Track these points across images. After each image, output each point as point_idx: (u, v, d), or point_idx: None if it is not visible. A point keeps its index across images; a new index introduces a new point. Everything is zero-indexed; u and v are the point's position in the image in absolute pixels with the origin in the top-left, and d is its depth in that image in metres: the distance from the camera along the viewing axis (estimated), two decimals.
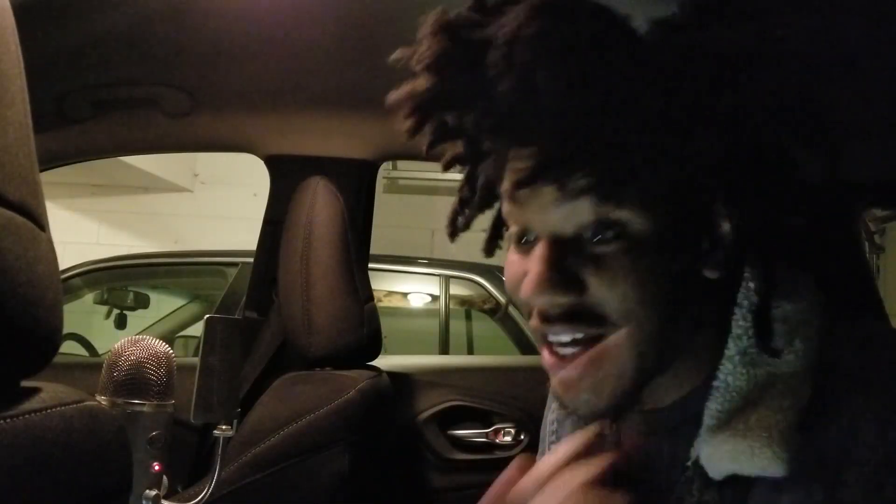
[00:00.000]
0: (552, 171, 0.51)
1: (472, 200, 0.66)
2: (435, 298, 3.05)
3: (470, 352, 3.22)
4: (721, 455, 0.52)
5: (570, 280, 0.53)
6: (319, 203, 1.25)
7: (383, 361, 1.35)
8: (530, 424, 1.44)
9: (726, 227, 0.52)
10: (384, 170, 3.80)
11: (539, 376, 0.84)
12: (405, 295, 3.26)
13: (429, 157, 0.60)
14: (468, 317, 3.23)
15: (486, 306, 3.05)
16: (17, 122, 0.44)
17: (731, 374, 0.54)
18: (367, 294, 1.29)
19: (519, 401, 1.46)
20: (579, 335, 0.54)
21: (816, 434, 0.50)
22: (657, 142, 0.50)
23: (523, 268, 0.56)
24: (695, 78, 0.51)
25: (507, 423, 1.46)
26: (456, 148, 0.64)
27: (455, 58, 0.53)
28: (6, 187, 0.41)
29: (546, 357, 0.57)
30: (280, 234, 1.29)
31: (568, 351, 0.55)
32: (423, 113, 0.57)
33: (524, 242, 0.57)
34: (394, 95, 0.57)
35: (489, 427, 1.46)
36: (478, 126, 0.55)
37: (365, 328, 1.24)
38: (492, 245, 0.68)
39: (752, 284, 0.55)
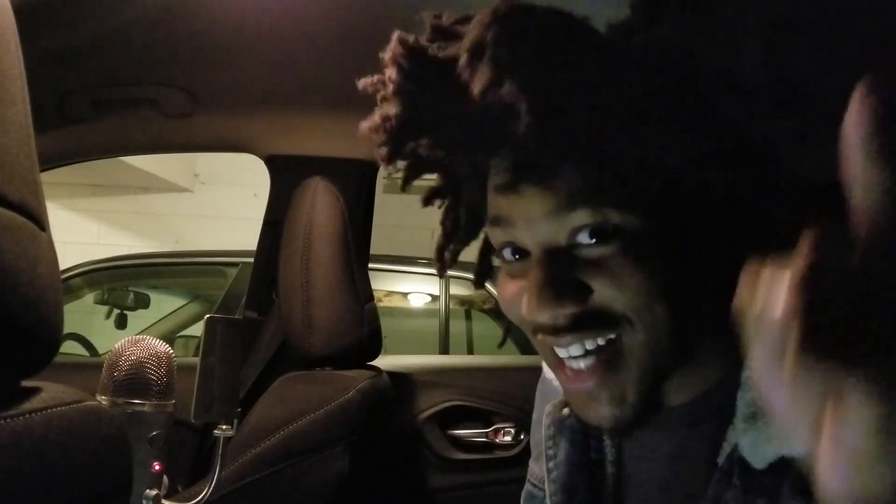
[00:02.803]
0: (533, 170, 0.51)
1: (456, 232, 0.65)
2: (435, 298, 3.06)
3: (470, 352, 3.22)
4: (767, 439, 0.50)
5: (572, 287, 0.52)
6: (319, 203, 1.25)
7: (383, 361, 1.35)
8: (530, 424, 1.44)
9: (724, 214, 0.51)
10: (384, 170, 3.79)
11: (538, 376, 0.84)
12: (405, 295, 3.26)
13: (404, 191, 0.61)
14: (468, 317, 3.23)
15: (486, 306, 3.05)
16: (17, 122, 0.44)
17: None
18: (367, 294, 1.29)
19: (519, 401, 1.46)
20: (591, 346, 0.53)
21: None
22: (639, 140, 0.49)
23: (518, 287, 0.56)
24: (660, 74, 0.50)
25: (507, 423, 1.46)
26: (433, 181, 0.64)
27: (421, 80, 0.53)
28: (6, 187, 0.41)
29: (560, 376, 0.56)
30: (280, 234, 1.29)
31: (582, 364, 0.54)
32: (396, 141, 0.56)
33: (516, 261, 0.57)
34: (365, 125, 0.57)
35: (489, 427, 1.46)
36: (453, 144, 0.55)
37: (365, 328, 1.24)
38: (482, 276, 0.67)
39: None
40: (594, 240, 0.51)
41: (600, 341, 0.53)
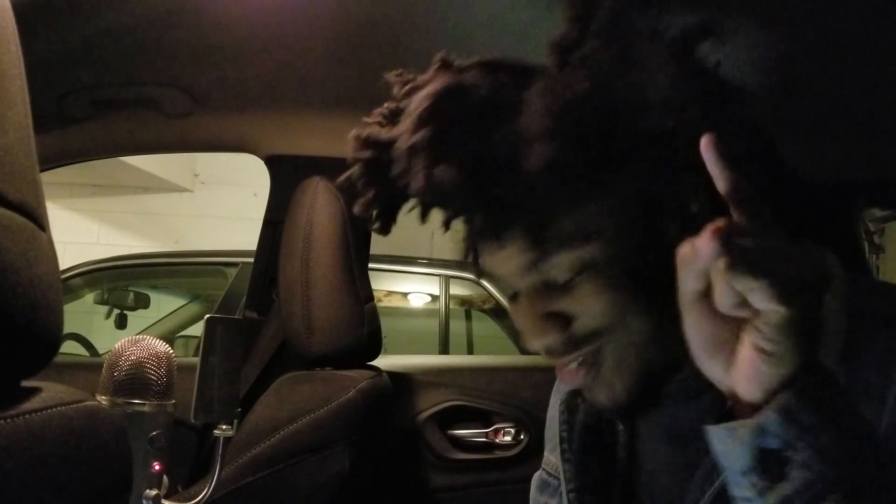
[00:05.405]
0: (484, 236, 0.58)
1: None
2: (435, 298, 3.06)
3: (470, 352, 3.22)
4: None
5: (553, 320, 0.58)
6: (319, 203, 1.25)
7: (383, 361, 1.35)
8: (530, 424, 1.44)
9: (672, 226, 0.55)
10: None
11: (539, 376, 0.84)
12: (405, 295, 3.27)
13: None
14: (468, 317, 3.23)
15: (486, 306, 3.05)
16: (17, 122, 0.44)
17: None
18: (367, 294, 1.29)
19: (519, 401, 1.46)
20: (581, 357, 0.59)
21: (856, 364, 0.52)
22: (577, 186, 0.55)
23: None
24: (588, 115, 0.54)
25: (507, 423, 1.46)
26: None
27: (380, 169, 0.61)
28: (6, 187, 0.41)
29: (558, 372, 0.62)
30: (280, 234, 1.29)
31: (572, 364, 0.60)
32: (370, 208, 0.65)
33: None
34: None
35: (489, 427, 1.46)
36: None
37: (365, 328, 1.24)
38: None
39: None
40: (564, 276, 0.57)
41: (590, 351, 0.59)
